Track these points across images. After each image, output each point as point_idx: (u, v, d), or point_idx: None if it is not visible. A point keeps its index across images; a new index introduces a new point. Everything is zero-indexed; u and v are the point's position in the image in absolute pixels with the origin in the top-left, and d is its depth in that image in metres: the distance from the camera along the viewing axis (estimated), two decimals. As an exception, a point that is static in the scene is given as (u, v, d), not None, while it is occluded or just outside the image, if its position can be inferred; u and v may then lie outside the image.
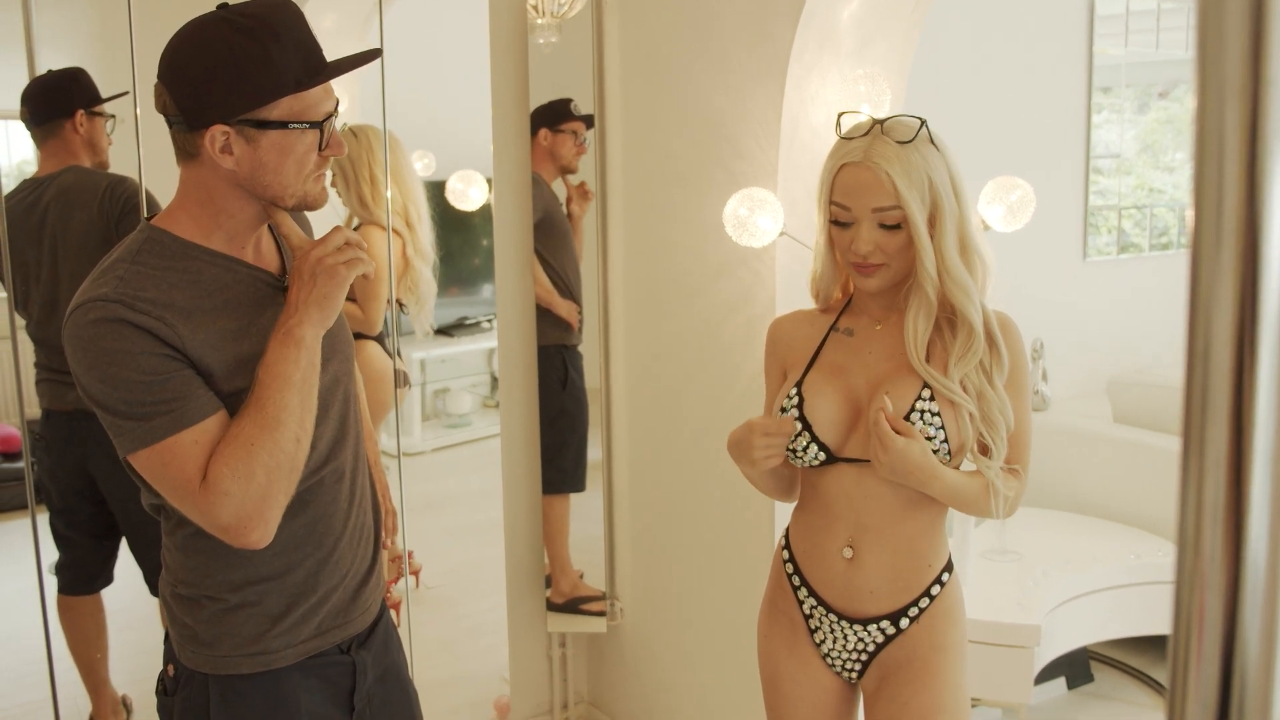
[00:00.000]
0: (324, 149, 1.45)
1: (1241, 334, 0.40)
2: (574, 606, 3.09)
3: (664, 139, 2.68)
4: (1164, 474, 3.61)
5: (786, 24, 2.27)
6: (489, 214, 3.28)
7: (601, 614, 3.06)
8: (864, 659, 1.81)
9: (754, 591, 1.99)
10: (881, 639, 1.78)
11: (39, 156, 2.87)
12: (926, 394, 1.68)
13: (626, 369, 2.93)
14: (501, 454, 3.13)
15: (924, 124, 1.66)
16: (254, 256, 1.51)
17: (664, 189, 2.70)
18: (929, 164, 1.64)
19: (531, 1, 2.86)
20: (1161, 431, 3.71)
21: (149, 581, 2.86)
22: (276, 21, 1.38)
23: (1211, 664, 0.41)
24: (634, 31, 2.75)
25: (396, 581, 2.96)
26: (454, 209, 4.05)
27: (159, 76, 1.41)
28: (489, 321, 6.35)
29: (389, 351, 3.36)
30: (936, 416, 1.67)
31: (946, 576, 1.79)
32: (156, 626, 1.66)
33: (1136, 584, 3.33)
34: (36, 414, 2.93)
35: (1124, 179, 4.88)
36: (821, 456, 1.74)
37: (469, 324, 6.40)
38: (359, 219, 3.31)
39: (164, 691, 1.59)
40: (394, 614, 3.13)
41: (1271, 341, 0.40)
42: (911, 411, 1.67)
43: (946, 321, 1.71)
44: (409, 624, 2.98)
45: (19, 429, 2.86)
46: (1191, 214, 0.42)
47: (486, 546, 4.18)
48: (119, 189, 2.72)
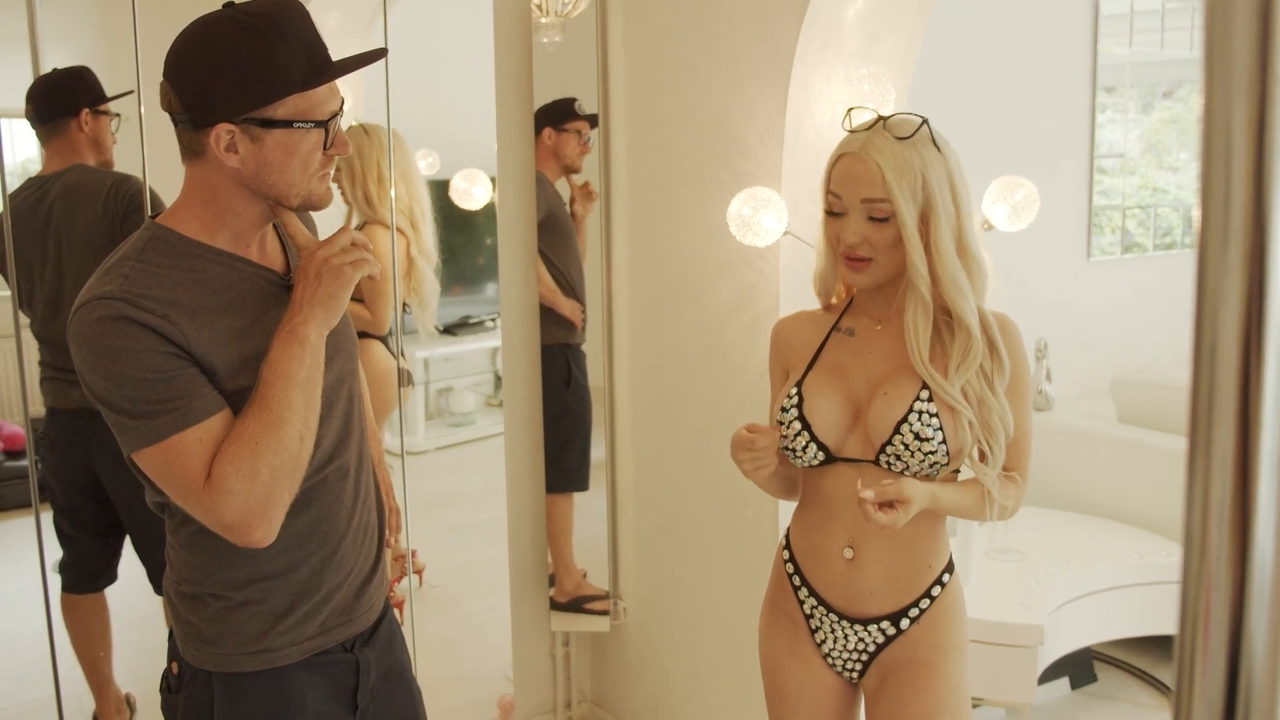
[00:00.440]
0: (329, 148, 1.45)
1: (1248, 333, 0.40)
2: (577, 605, 3.09)
3: (668, 138, 2.68)
4: (1168, 474, 3.60)
5: (790, 23, 2.27)
6: (493, 213, 3.28)
7: (605, 613, 3.06)
8: (864, 659, 1.80)
9: (757, 591, 1.98)
10: (882, 639, 1.78)
11: (43, 155, 2.88)
12: (925, 395, 1.67)
13: (630, 368, 2.93)
14: (505, 453, 3.13)
15: (925, 122, 1.67)
16: (259, 255, 1.52)
17: (668, 188, 2.70)
18: (925, 162, 1.64)
19: (535, 1, 2.86)
20: (1165, 431, 3.70)
21: (153, 580, 2.86)
22: (282, 20, 1.38)
23: (1218, 664, 0.41)
24: (638, 30, 2.75)
25: (400, 580, 2.96)
26: (458, 208, 4.05)
27: (164, 75, 1.41)
28: (493, 320, 6.34)
29: (392, 351, 3.37)
30: (934, 418, 1.67)
31: (947, 577, 1.79)
32: (160, 625, 1.66)
33: (1140, 584, 3.32)
34: (40, 412, 2.93)
35: (1128, 179, 4.88)
36: (821, 456, 1.74)
37: (473, 323, 6.40)
38: (363, 217, 3.30)
39: (168, 689, 1.59)
40: (397, 612, 3.14)
41: (1278, 341, 0.40)
42: (910, 413, 1.67)
43: (946, 325, 1.70)
44: (412, 622, 2.98)
45: (23, 427, 2.86)
46: (1198, 214, 0.42)
47: (490, 545, 4.18)
48: (123, 187, 2.72)
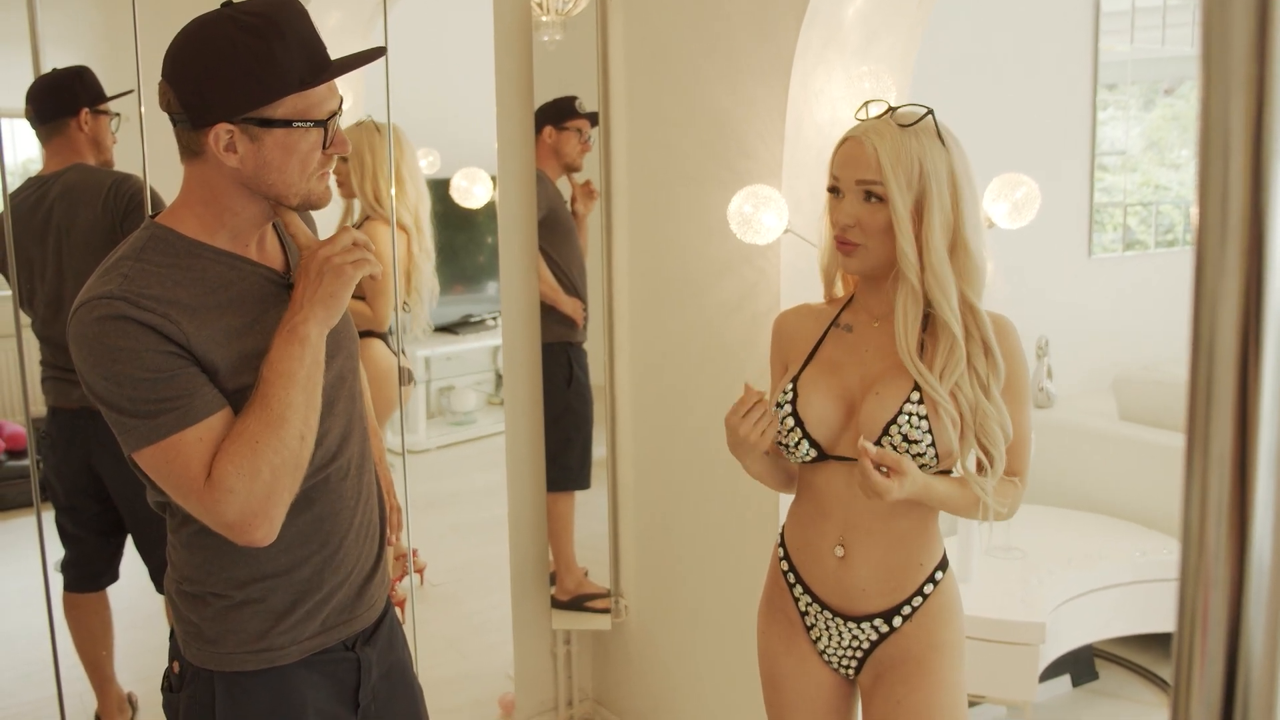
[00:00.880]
0: (328, 147, 1.45)
1: (1246, 330, 0.40)
2: (579, 604, 3.09)
3: (668, 136, 2.68)
4: (1170, 471, 3.60)
5: (791, 21, 2.27)
6: (493, 211, 3.28)
7: (606, 611, 3.06)
8: (859, 656, 1.80)
9: (758, 588, 1.98)
10: (876, 636, 1.78)
11: (44, 155, 2.88)
12: (915, 397, 1.66)
13: (631, 366, 2.93)
14: (506, 451, 3.13)
15: (929, 113, 1.67)
16: (258, 254, 1.52)
17: (668, 186, 2.70)
18: (925, 151, 1.64)
19: (536, -1, 2.86)
20: (1167, 429, 3.70)
21: (155, 579, 2.86)
22: (281, 19, 1.38)
23: (1216, 662, 0.41)
24: (638, 29, 2.75)
25: (401, 579, 2.96)
26: (458, 206, 4.05)
27: (163, 74, 1.41)
28: (494, 319, 6.34)
29: (393, 349, 3.37)
30: (924, 420, 1.65)
31: (940, 575, 1.78)
32: (162, 624, 1.66)
33: (1142, 581, 3.32)
34: (42, 412, 2.93)
35: (1129, 176, 4.87)
36: (813, 453, 1.73)
37: (474, 321, 6.40)
38: (369, 213, 3.30)
39: (169, 688, 1.59)
40: (399, 611, 3.14)
41: (1276, 338, 0.40)
42: (900, 414, 1.66)
43: (939, 318, 1.68)
44: (414, 621, 2.98)
45: (24, 427, 2.86)
46: (1196, 210, 0.42)
47: (491, 544, 4.19)
48: (123, 187, 2.72)
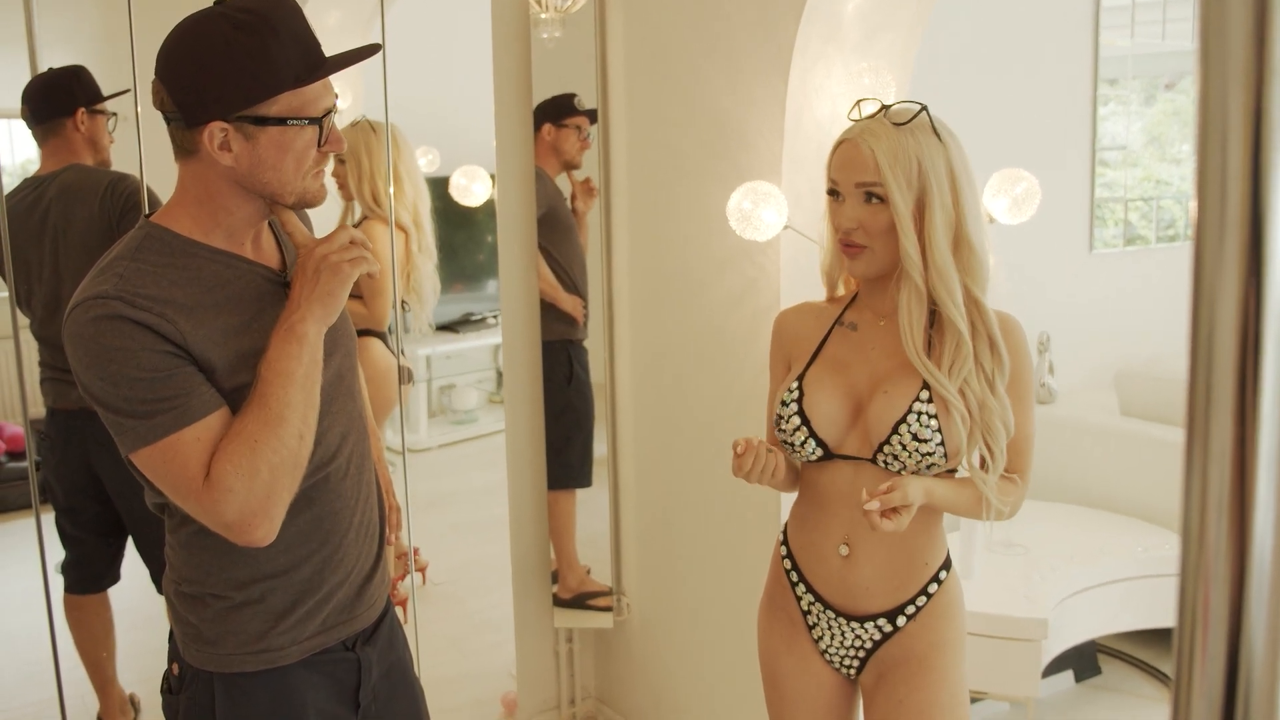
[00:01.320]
0: (323, 145, 1.45)
1: (1245, 325, 0.40)
2: (580, 602, 3.09)
3: (668, 133, 2.67)
4: (1171, 467, 3.60)
5: (790, 17, 2.26)
6: (493, 209, 3.27)
7: (608, 609, 3.06)
8: (862, 656, 1.80)
9: (759, 586, 1.98)
10: (879, 636, 1.77)
11: (40, 155, 2.87)
12: (925, 395, 1.66)
13: (631, 364, 2.93)
14: (507, 450, 3.12)
15: (923, 109, 1.66)
16: (254, 252, 1.51)
17: (668, 183, 2.69)
18: (922, 149, 1.63)
19: (533, -4, 2.85)
20: (1168, 424, 3.70)
21: (155, 580, 2.86)
22: (275, 17, 1.38)
23: (1217, 658, 0.40)
24: (637, 25, 2.75)
25: (403, 578, 2.96)
26: (458, 205, 4.05)
27: (156, 73, 1.40)
28: (494, 317, 6.34)
29: (392, 349, 3.36)
30: (933, 419, 1.65)
31: (944, 574, 1.78)
32: (164, 625, 1.65)
33: (1144, 576, 3.32)
34: (40, 413, 2.93)
35: (1130, 171, 4.86)
36: (819, 452, 1.73)
37: (474, 320, 6.40)
38: (368, 214, 3.30)
39: (169, 690, 1.59)
40: (400, 611, 3.14)
41: (1276, 333, 0.40)
42: (909, 413, 1.65)
43: (944, 316, 1.67)
44: (415, 620, 2.98)
45: (23, 428, 2.86)
46: (1195, 205, 0.42)
47: (492, 543, 4.18)
48: (120, 187, 2.71)
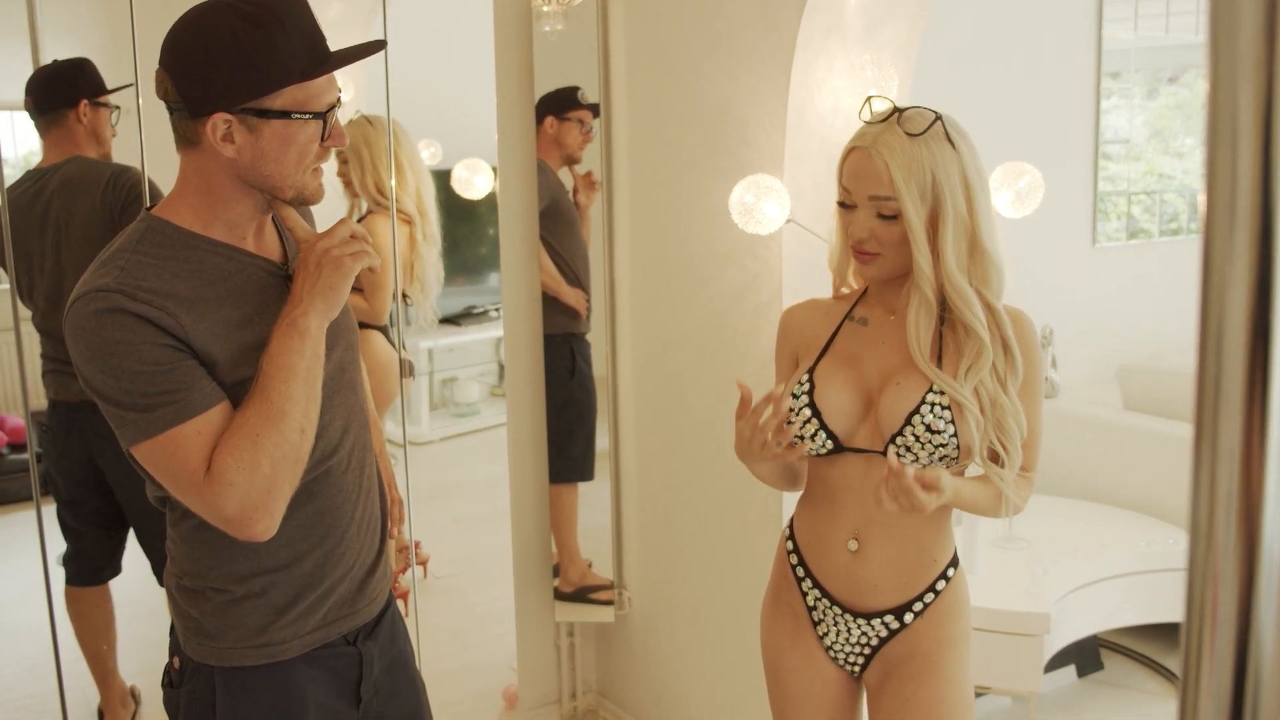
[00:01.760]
0: (326, 140, 1.44)
1: (1255, 321, 0.39)
2: (582, 596, 3.09)
3: (670, 126, 2.67)
4: (1174, 461, 3.60)
5: (793, 9, 2.25)
6: (495, 203, 3.27)
7: (609, 603, 3.06)
8: (867, 653, 1.79)
9: (761, 581, 1.98)
10: (885, 633, 1.76)
11: (43, 147, 2.87)
12: (938, 388, 1.65)
13: (633, 357, 2.93)
14: (509, 443, 3.12)
15: (939, 118, 1.63)
16: (255, 245, 1.50)
17: (670, 176, 2.69)
18: (936, 160, 1.60)
19: (536, -11, 2.84)
20: (1171, 418, 3.69)
21: (157, 573, 2.86)
22: (281, 10, 1.37)
23: (1224, 660, 0.40)
24: (639, 18, 2.74)
25: (404, 571, 2.96)
26: (460, 198, 4.04)
27: (161, 63, 1.40)
28: (496, 310, 6.34)
29: (393, 342, 3.36)
30: (946, 410, 1.64)
31: (952, 571, 1.77)
32: (165, 618, 1.65)
33: (1146, 571, 3.32)
34: (42, 405, 2.93)
35: (1133, 165, 4.85)
36: (829, 445, 1.71)
37: (476, 313, 6.39)
38: (370, 207, 3.30)
39: (170, 684, 1.58)
40: (402, 604, 3.13)
41: (1287, 328, 0.39)
42: (922, 404, 1.65)
43: (962, 323, 1.66)
44: (416, 614, 2.98)
45: (24, 420, 2.86)
46: (1204, 198, 0.41)
47: (494, 536, 4.18)
48: (122, 179, 2.71)
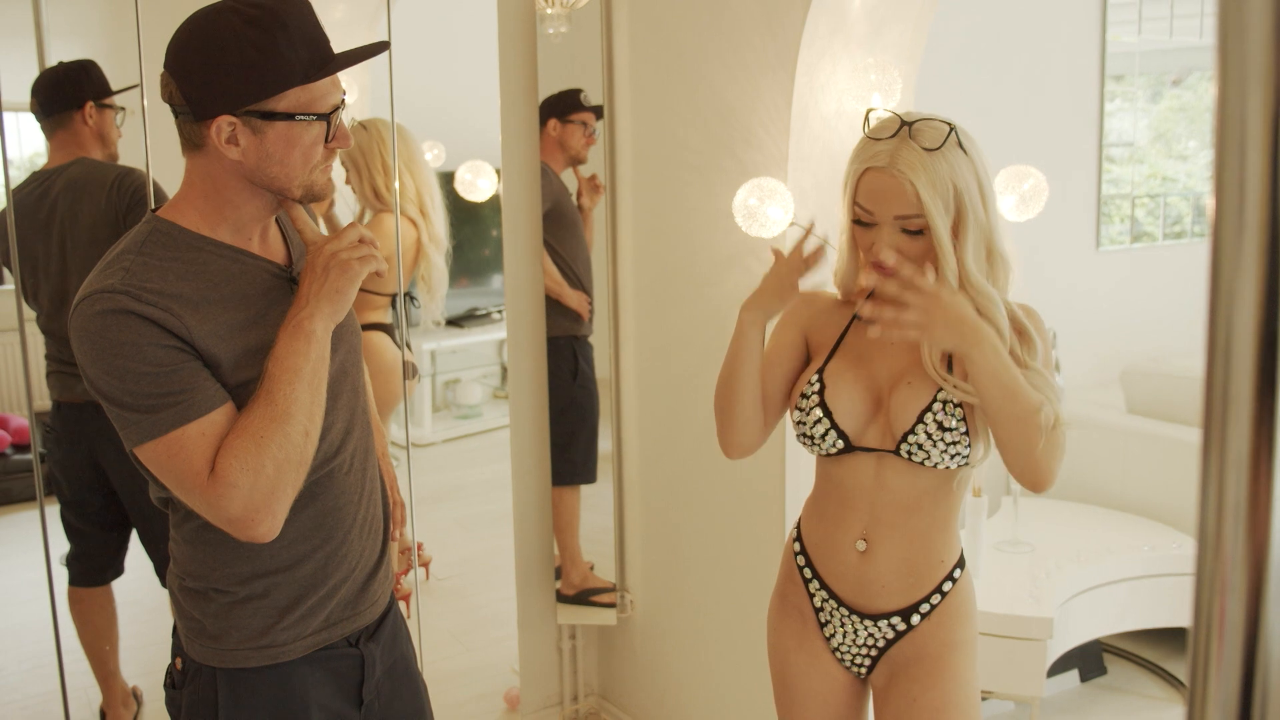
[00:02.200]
0: (330, 141, 1.44)
1: (1264, 329, 0.39)
2: (584, 598, 3.09)
3: (673, 129, 2.67)
4: (1178, 465, 3.59)
5: (797, 11, 2.25)
6: (498, 205, 3.27)
7: (612, 606, 3.06)
8: (874, 654, 1.79)
9: (765, 583, 1.97)
10: (892, 635, 1.76)
11: (48, 148, 2.87)
12: (950, 385, 1.66)
13: (636, 360, 2.92)
14: (511, 445, 3.12)
15: (953, 129, 1.62)
16: (260, 248, 1.51)
17: (673, 179, 2.69)
18: (955, 171, 1.60)
19: (540, -9, 2.84)
20: (1175, 422, 3.68)
21: (159, 573, 2.86)
22: (284, 12, 1.38)
23: (1232, 670, 0.40)
24: (643, 21, 2.74)
25: (406, 573, 2.96)
26: (463, 200, 4.04)
27: (165, 66, 1.40)
28: (499, 312, 6.34)
29: (398, 343, 3.36)
30: (958, 408, 1.65)
31: (959, 573, 1.77)
32: (167, 618, 1.65)
33: (1150, 576, 3.31)
34: (46, 406, 2.93)
35: (1137, 168, 4.85)
36: (840, 445, 1.72)
37: (479, 315, 6.40)
38: (372, 210, 3.30)
39: (172, 685, 1.58)
40: (404, 606, 3.13)
41: (1295, 335, 0.39)
42: (934, 402, 1.65)
43: (986, 319, 1.66)
44: (419, 615, 2.97)
45: (28, 421, 2.87)
46: (1212, 202, 0.41)
47: (496, 538, 4.19)
48: (127, 180, 2.71)
